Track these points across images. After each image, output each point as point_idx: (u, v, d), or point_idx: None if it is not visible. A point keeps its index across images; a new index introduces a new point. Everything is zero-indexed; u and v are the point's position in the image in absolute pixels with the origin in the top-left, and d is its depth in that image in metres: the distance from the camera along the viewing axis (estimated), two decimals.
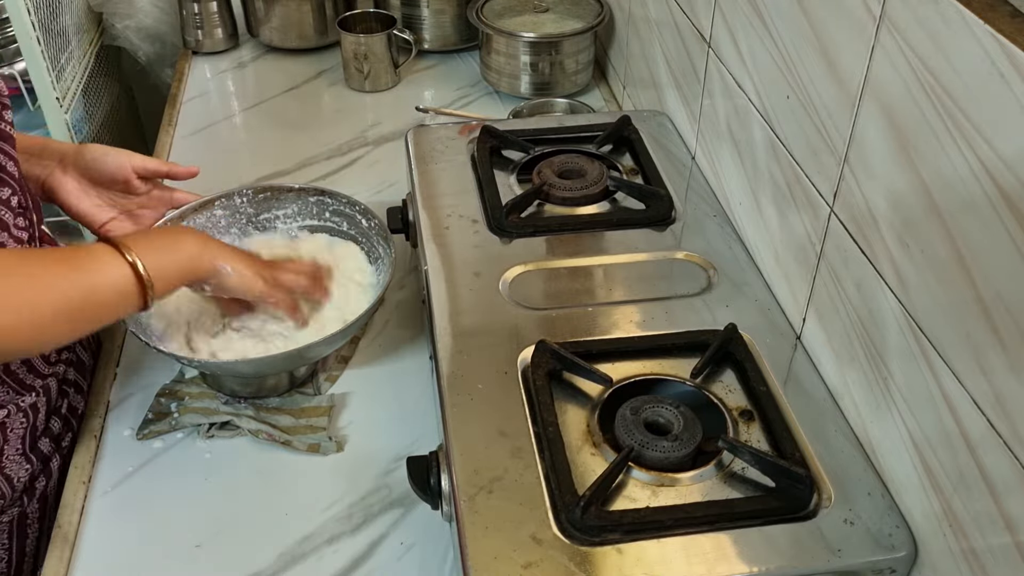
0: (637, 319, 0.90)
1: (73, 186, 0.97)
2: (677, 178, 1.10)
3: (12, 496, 0.89)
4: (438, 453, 0.79)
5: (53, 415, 0.93)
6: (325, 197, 1.04)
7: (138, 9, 1.77)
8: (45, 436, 0.92)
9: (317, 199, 1.05)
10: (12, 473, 0.88)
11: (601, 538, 0.69)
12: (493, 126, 1.16)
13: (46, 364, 0.91)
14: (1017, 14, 0.57)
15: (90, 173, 0.97)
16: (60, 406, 0.94)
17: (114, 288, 0.77)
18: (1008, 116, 0.56)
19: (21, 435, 0.88)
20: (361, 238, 1.04)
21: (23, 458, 0.89)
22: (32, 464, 0.90)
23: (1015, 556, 0.59)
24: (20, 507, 0.90)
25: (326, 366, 1.00)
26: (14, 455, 0.88)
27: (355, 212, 1.03)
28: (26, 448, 0.89)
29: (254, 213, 1.06)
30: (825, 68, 0.78)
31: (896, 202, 0.69)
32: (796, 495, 0.72)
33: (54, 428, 0.93)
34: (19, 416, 0.88)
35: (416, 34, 1.59)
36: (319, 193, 1.05)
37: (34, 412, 0.89)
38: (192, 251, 0.84)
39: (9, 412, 0.86)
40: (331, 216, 1.05)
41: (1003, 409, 0.58)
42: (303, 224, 1.06)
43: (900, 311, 0.70)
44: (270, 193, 1.06)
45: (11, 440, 0.87)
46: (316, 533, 0.84)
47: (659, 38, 1.25)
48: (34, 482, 0.91)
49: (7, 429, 0.87)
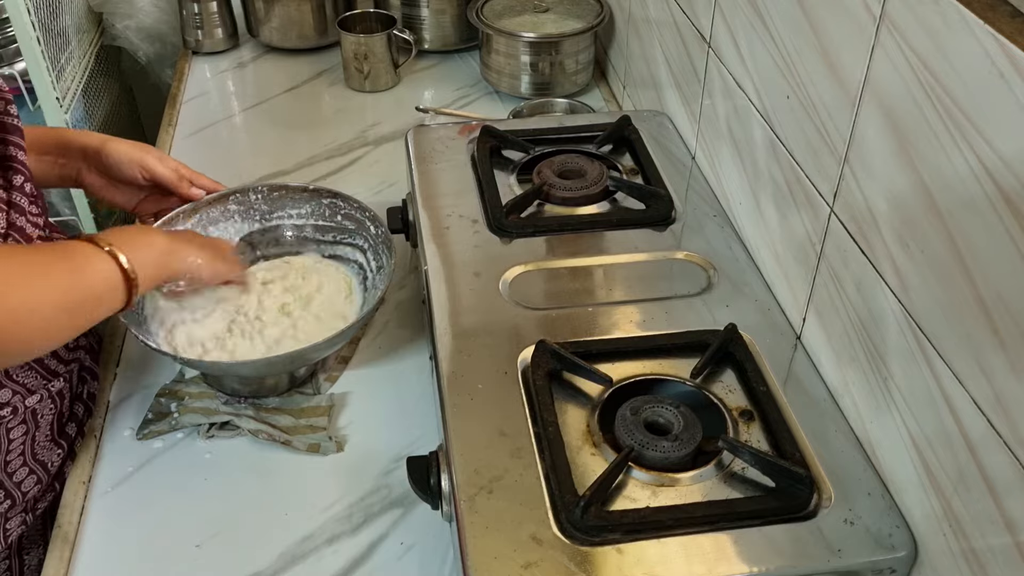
0: (637, 319, 0.90)
1: (102, 183, 1.02)
2: (677, 178, 1.10)
3: (48, 481, 0.90)
4: (438, 453, 0.79)
5: (76, 400, 0.94)
6: (338, 200, 1.05)
7: (138, 9, 1.77)
8: (71, 421, 0.93)
9: (330, 201, 1.06)
10: (45, 459, 0.89)
11: (601, 538, 0.69)
12: (493, 126, 1.16)
13: (67, 351, 0.92)
14: (1017, 14, 0.57)
15: (110, 173, 1.01)
16: (81, 392, 0.96)
17: (105, 283, 0.78)
18: (1008, 116, 0.56)
19: (51, 421, 0.90)
20: (365, 244, 1.04)
21: (53, 443, 0.90)
22: (63, 449, 0.91)
23: (1015, 556, 0.59)
24: (54, 492, 0.92)
25: (326, 366, 1.00)
26: (45, 441, 0.89)
27: (364, 218, 1.03)
28: (55, 433, 0.90)
29: (268, 210, 1.07)
30: (825, 68, 0.78)
31: (896, 202, 0.69)
32: (796, 495, 0.72)
33: (78, 413, 0.94)
34: (48, 402, 0.89)
35: (416, 34, 1.59)
36: (332, 195, 1.06)
37: (60, 398, 0.91)
38: (163, 247, 0.85)
39: (41, 398, 0.88)
40: (342, 219, 1.05)
41: (1003, 409, 0.58)
42: (315, 224, 1.07)
43: (900, 311, 0.70)
44: (284, 192, 1.07)
45: (42, 426, 0.89)
46: (316, 533, 0.84)
47: (659, 38, 1.25)
48: (63, 468, 0.92)
49: (38, 415, 0.88)
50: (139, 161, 1.00)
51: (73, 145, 1.00)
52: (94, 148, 0.99)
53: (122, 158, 0.99)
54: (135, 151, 1.00)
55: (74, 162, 1.00)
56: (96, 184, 1.02)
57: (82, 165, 1.00)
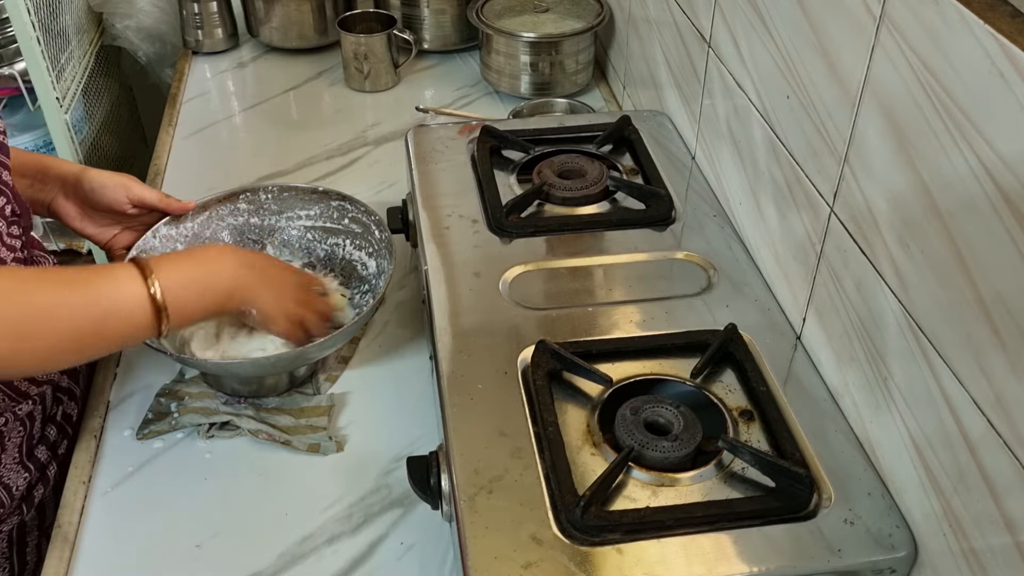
0: (637, 319, 0.90)
1: (76, 212, 0.98)
2: (677, 178, 1.10)
3: (11, 505, 0.89)
4: (438, 453, 0.79)
5: (49, 423, 0.93)
6: (346, 203, 1.05)
7: (138, 9, 1.77)
8: (41, 444, 0.92)
9: (339, 204, 1.06)
10: (11, 482, 0.88)
11: (601, 538, 0.69)
12: (493, 126, 1.16)
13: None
14: (1017, 14, 0.57)
15: (90, 201, 0.98)
16: (55, 413, 0.94)
17: (128, 320, 0.76)
18: (1008, 116, 0.56)
19: (18, 444, 0.88)
20: (369, 247, 1.04)
21: (20, 467, 0.89)
22: (30, 473, 0.90)
23: (1015, 556, 0.59)
24: (19, 516, 0.90)
25: (326, 366, 1.00)
26: (11, 464, 0.88)
27: (370, 222, 1.03)
28: (23, 456, 0.89)
29: (278, 210, 1.07)
30: (825, 68, 0.78)
31: (896, 202, 0.69)
32: (796, 495, 0.72)
33: (50, 436, 0.93)
34: (16, 425, 0.88)
35: (416, 34, 1.59)
36: (341, 198, 1.06)
37: (31, 420, 0.89)
38: (221, 293, 0.83)
39: (7, 420, 0.86)
40: (349, 223, 1.06)
41: (1003, 409, 0.58)
42: (324, 226, 1.07)
43: (900, 311, 0.70)
44: (295, 192, 1.07)
45: (8, 449, 0.87)
46: (316, 533, 0.84)
47: (659, 38, 1.25)
48: (32, 491, 0.91)
49: (4, 438, 0.86)
50: (124, 184, 0.97)
51: (51, 172, 0.96)
52: (73, 175, 0.96)
53: (106, 181, 0.96)
54: (119, 176, 0.97)
55: (50, 189, 0.97)
56: (71, 213, 0.98)
57: (58, 192, 0.97)
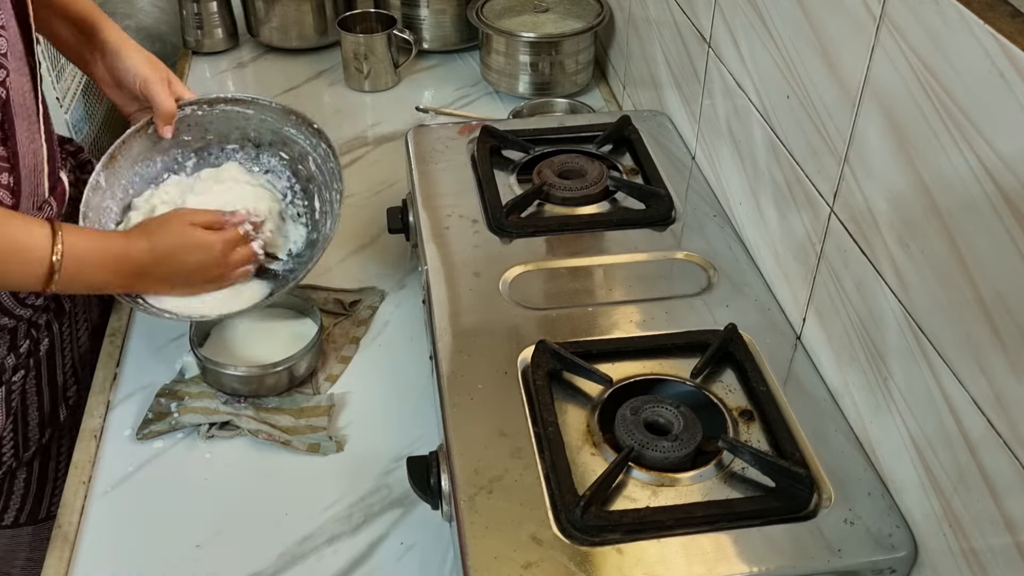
0: (637, 319, 0.90)
1: (106, 80, 1.06)
2: (677, 178, 1.10)
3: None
4: (438, 453, 0.79)
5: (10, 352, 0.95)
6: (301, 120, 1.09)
7: (138, 9, 1.77)
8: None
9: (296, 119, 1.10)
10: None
11: (601, 538, 0.69)
12: (493, 126, 1.16)
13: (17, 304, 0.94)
14: (1017, 14, 0.57)
15: (115, 75, 1.04)
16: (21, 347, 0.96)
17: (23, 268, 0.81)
18: (1008, 116, 0.56)
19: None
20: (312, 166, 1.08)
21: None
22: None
23: (1015, 556, 0.59)
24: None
25: (326, 366, 1.00)
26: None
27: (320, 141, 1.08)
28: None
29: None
30: (825, 68, 0.78)
31: (896, 202, 0.69)
32: (796, 495, 0.72)
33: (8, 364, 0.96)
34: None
35: (416, 34, 1.59)
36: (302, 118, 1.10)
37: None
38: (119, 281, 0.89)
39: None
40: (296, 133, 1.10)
41: (1003, 409, 0.58)
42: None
43: (900, 311, 0.70)
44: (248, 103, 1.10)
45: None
46: (316, 533, 0.84)
47: (659, 38, 1.25)
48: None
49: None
50: (143, 77, 1.01)
51: (97, 36, 1.03)
52: (112, 49, 1.02)
53: (130, 67, 1.02)
54: (144, 68, 1.02)
55: (92, 52, 1.04)
56: (104, 80, 1.06)
57: (99, 59, 1.04)
